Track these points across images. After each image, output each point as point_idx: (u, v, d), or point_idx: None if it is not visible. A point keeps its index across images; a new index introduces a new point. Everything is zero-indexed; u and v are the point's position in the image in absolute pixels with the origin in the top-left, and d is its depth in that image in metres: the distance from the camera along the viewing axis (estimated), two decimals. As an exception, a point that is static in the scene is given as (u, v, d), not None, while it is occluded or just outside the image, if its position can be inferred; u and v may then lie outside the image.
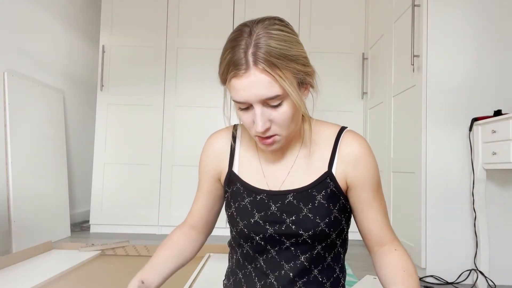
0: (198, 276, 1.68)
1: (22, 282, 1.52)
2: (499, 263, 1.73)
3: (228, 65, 0.65)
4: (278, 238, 0.75)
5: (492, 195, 1.75)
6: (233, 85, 0.66)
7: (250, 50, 0.63)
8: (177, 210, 2.82)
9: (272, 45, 0.63)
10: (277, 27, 0.66)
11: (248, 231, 0.77)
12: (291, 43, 0.66)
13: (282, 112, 0.68)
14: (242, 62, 0.63)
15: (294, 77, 0.66)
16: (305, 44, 2.87)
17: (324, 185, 0.76)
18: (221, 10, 2.91)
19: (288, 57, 0.64)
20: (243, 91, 0.65)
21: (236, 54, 0.64)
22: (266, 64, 0.63)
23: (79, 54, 3.19)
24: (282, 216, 0.75)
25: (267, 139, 0.71)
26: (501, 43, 1.80)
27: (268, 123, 0.68)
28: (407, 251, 0.76)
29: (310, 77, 0.71)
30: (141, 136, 2.86)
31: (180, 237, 0.88)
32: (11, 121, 2.18)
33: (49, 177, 2.50)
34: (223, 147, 0.86)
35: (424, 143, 1.80)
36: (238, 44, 0.65)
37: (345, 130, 0.80)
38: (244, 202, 0.79)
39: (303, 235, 0.74)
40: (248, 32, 0.65)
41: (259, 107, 0.67)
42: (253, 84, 0.64)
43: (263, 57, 0.62)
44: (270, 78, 0.64)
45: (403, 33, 2.09)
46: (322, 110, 2.85)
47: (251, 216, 0.77)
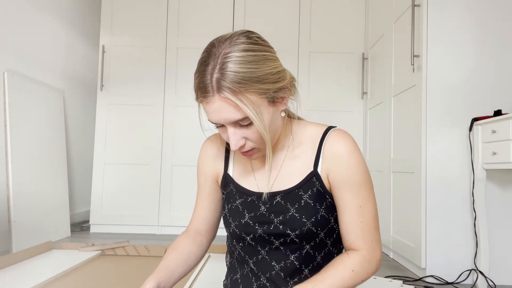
0: (198, 276, 1.68)
1: (22, 282, 1.52)
2: (499, 263, 1.73)
3: (197, 89, 0.67)
4: (267, 238, 0.77)
5: (492, 195, 1.75)
6: (203, 107, 0.69)
7: (214, 75, 0.64)
8: (177, 210, 2.82)
9: (235, 70, 0.63)
10: (242, 46, 0.65)
11: (239, 231, 0.79)
12: (257, 63, 0.66)
13: (255, 131, 0.69)
14: (208, 88, 0.65)
15: (261, 97, 0.67)
16: (305, 44, 2.87)
17: (310, 184, 0.77)
18: (221, 10, 2.91)
19: (253, 79, 0.64)
20: (212, 114, 0.67)
21: (203, 79, 0.66)
22: (228, 92, 0.63)
23: (79, 54, 3.19)
24: (270, 216, 0.77)
25: (246, 152, 0.73)
26: (501, 43, 1.80)
27: (242, 141, 0.70)
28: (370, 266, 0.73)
29: (283, 91, 0.71)
30: (141, 136, 2.86)
31: (186, 243, 0.89)
32: (11, 121, 2.18)
33: (49, 177, 2.50)
34: (218, 150, 0.88)
35: (424, 143, 1.80)
36: (205, 68, 0.66)
37: (332, 129, 0.80)
38: (236, 203, 0.81)
39: (290, 234, 0.75)
40: (214, 54, 0.66)
41: (231, 127, 0.69)
42: (220, 109, 0.66)
43: (226, 85, 0.63)
44: (233, 104, 0.65)
45: (403, 33, 2.09)
46: (322, 110, 2.85)
47: (242, 217, 0.79)
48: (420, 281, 1.76)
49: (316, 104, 2.86)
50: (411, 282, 1.74)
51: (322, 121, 2.84)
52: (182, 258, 0.86)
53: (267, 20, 2.89)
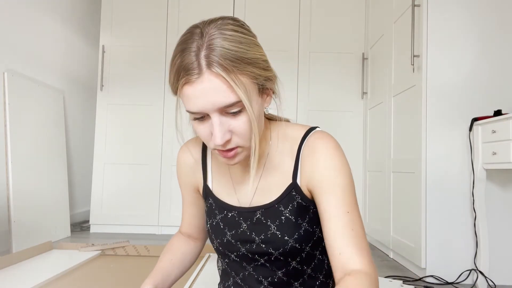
0: (198, 276, 1.68)
1: (22, 282, 1.52)
2: (499, 263, 1.73)
3: (179, 71, 0.57)
4: (251, 257, 0.73)
5: (492, 195, 1.75)
6: (185, 93, 0.58)
7: (202, 52, 0.55)
8: (177, 210, 2.82)
9: (226, 47, 0.55)
10: (231, 27, 0.58)
11: (223, 249, 0.75)
12: (248, 45, 0.58)
13: (244, 121, 0.59)
14: (194, 66, 0.55)
15: (253, 82, 0.59)
16: (305, 44, 2.87)
17: (290, 198, 0.70)
18: (221, 10, 2.90)
19: (245, 60, 0.57)
20: (197, 99, 0.57)
21: (187, 58, 0.56)
22: (221, 68, 0.55)
23: (79, 54, 3.19)
24: (251, 235, 0.71)
25: (228, 152, 0.63)
26: (501, 43, 1.80)
27: (228, 134, 0.60)
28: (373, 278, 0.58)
29: (272, 82, 0.64)
30: (141, 136, 2.86)
31: (180, 244, 0.88)
32: (11, 121, 2.18)
33: (49, 177, 2.49)
34: (195, 159, 0.81)
35: (424, 143, 1.80)
36: (188, 47, 0.57)
37: (312, 132, 0.71)
38: (216, 219, 0.76)
39: (273, 253, 0.70)
40: (199, 34, 0.57)
41: (216, 116, 0.59)
42: (208, 91, 0.56)
43: (217, 60, 0.55)
44: (226, 83, 0.56)
45: (403, 33, 2.09)
46: (322, 110, 2.85)
47: (223, 235, 0.74)
48: (420, 281, 1.76)
49: (316, 104, 2.86)
50: (411, 282, 1.74)
51: (322, 121, 2.84)
52: (177, 259, 0.85)
53: (267, 20, 2.89)
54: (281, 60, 2.84)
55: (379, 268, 2.00)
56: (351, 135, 2.84)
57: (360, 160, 2.82)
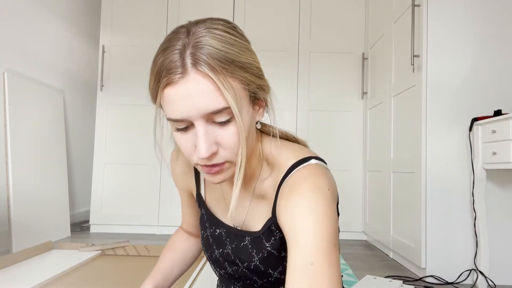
0: (198, 276, 1.68)
1: (22, 282, 1.52)
2: (499, 263, 1.73)
3: (160, 72, 0.50)
4: (238, 277, 0.71)
5: (492, 195, 1.75)
6: (167, 97, 0.51)
7: (188, 50, 0.49)
8: (177, 210, 2.82)
9: (215, 46, 0.49)
10: (221, 27, 0.52)
11: (212, 263, 0.75)
12: (239, 48, 0.52)
13: (233, 132, 0.52)
14: (178, 64, 0.49)
15: (244, 88, 0.52)
16: (305, 44, 2.87)
17: (270, 233, 0.64)
18: (221, 10, 2.90)
19: (235, 62, 0.50)
20: (180, 102, 0.50)
21: (170, 56, 0.49)
22: (208, 68, 0.48)
23: (79, 54, 3.19)
24: (236, 260, 0.69)
25: (213, 167, 0.55)
26: (501, 43, 1.80)
27: (214, 147, 0.52)
28: None
29: (265, 93, 0.57)
30: (141, 136, 2.86)
31: (181, 242, 0.88)
32: (11, 121, 2.18)
33: (49, 177, 2.49)
34: (187, 166, 0.77)
35: (424, 143, 1.80)
36: (172, 45, 0.50)
37: (301, 166, 0.59)
38: (207, 232, 0.75)
39: (258, 281, 0.68)
40: (185, 32, 0.51)
41: (201, 124, 0.51)
42: (193, 93, 0.49)
43: (205, 59, 0.48)
44: (214, 85, 0.49)
45: (403, 33, 2.09)
46: (322, 110, 2.85)
47: (213, 251, 0.73)
48: (420, 281, 1.76)
49: (316, 104, 2.86)
50: (411, 282, 1.74)
51: (322, 121, 2.84)
52: (178, 257, 0.85)
53: (267, 21, 2.89)
54: (281, 60, 2.84)
55: (379, 268, 2.00)
56: (351, 135, 2.84)
57: (360, 160, 2.82)
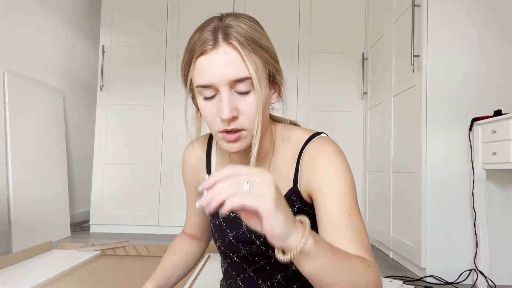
0: (198, 276, 1.68)
1: (22, 282, 1.52)
2: (499, 263, 1.73)
3: (194, 46, 0.59)
4: (252, 258, 0.73)
5: (492, 195, 1.75)
6: (199, 65, 0.59)
7: (220, 29, 0.59)
8: (177, 210, 2.82)
9: (243, 27, 0.59)
10: (247, 18, 0.62)
11: (225, 249, 0.76)
12: (262, 34, 0.62)
13: (252, 102, 0.60)
14: (210, 38, 0.58)
15: (265, 66, 0.62)
16: (305, 44, 2.87)
17: (290, 203, 0.69)
18: (221, 10, 2.89)
19: (259, 43, 0.60)
20: (210, 69, 0.58)
21: (204, 34, 0.59)
22: (236, 41, 0.58)
23: (79, 54, 3.19)
24: (252, 237, 0.72)
25: (232, 134, 0.62)
26: (501, 43, 1.80)
27: (235, 112, 0.60)
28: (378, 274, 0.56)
29: (281, 77, 0.67)
30: (141, 136, 2.86)
31: (184, 244, 0.89)
32: (11, 121, 2.18)
33: (49, 177, 2.49)
34: (199, 159, 0.82)
35: (424, 143, 1.80)
36: (206, 25, 0.60)
37: (314, 138, 0.70)
38: (219, 219, 0.77)
39: (273, 256, 0.70)
40: (217, 19, 0.61)
41: (226, 90, 0.59)
42: (222, 62, 0.58)
43: (234, 34, 0.58)
44: (240, 57, 0.58)
45: (403, 33, 2.09)
46: (322, 110, 2.85)
47: (225, 235, 0.75)
48: (420, 281, 1.76)
49: (316, 104, 2.86)
50: (411, 282, 1.74)
51: (322, 121, 2.84)
52: (180, 260, 0.85)
53: (267, 20, 2.89)
54: (281, 60, 2.80)
55: (379, 268, 2.00)
56: (351, 135, 2.84)
57: (360, 160, 2.82)
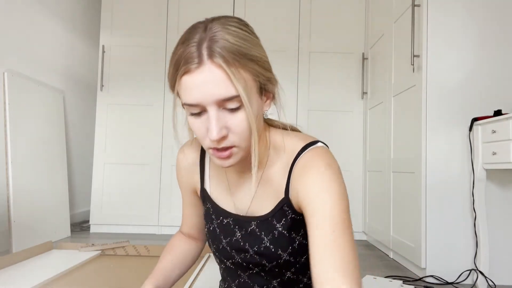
0: (198, 276, 1.68)
1: (22, 282, 1.52)
2: (499, 263, 1.73)
3: (179, 62, 0.56)
4: (246, 265, 0.72)
5: (492, 195, 1.75)
6: (184, 84, 0.56)
7: (204, 44, 0.54)
8: (177, 210, 2.82)
9: (229, 40, 0.54)
10: (235, 24, 0.57)
11: (219, 255, 0.75)
12: (251, 43, 0.57)
13: (241, 119, 0.57)
14: (195, 55, 0.54)
15: (254, 79, 0.58)
16: (305, 44, 2.87)
17: (282, 213, 0.68)
18: (221, 10, 2.90)
19: (247, 55, 0.56)
20: (196, 89, 0.55)
21: (188, 49, 0.55)
22: (222, 59, 0.54)
23: (79, 54, 3.19)
24: (245, 246, 0.70)
25: (223, 152, 0.60)
26: (501, 42, 1.80)
27: (224, 131, 0.57)
28: None
29: (273, 85, 0.63)
30: (141, 136, 2.86)
31: (181, 244, 0.88)
32: (11, 121, 2.18)
33: (49, 177, 2.49)
34: (193, 162, 0.80)
35: (424, 143, 1.80)
36: (190, 38, 0.56)
37: (309, 148, 0.66)
38: (213, 224, 0.76)
39: (267, 265, 0.69)
40: (202, 28, 0.57)
41: (214, 109, 0.56)
42: (208, 81, 0.54)
43: (219, 51, 0.54)
44: (226, 75, 0.54)
45: (403, 33, 2.09)
46: (322, 110, 2.85)
47: (219, 241, 0.74)
48: (420, 281, 1.76)
49: (316, 104, 2.86)
50: (411, 282, 1.74)
51: (322, 121, 2.84)
52: (178, 259, 0.85)
53: (267, 20, 2.89)
54: (281, 60, 2.84)
55: (379, 268, 2.00)
56: (351, 135, 2.84)
57: (360, 160, 2.82)
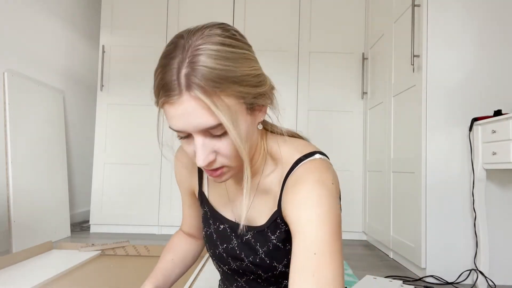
0: (198, 276, 1.68)
1: (22, 282, 1.52)
2: (499, 263, 1.73)
3: (159, 88, 0.54)
4: (242, 272, 0.72)
5: (492, 195, 1.75)
6: (166, 111, 0.55)
7: (183, 70, 0.51)
8: (177, 210, 2.82)
9: (209, 65, 0.51)
10: (218, 39, 0.53)
11: (216, 259, 0.76)
12: (236, 61, 0.53)
13: (228, 143, 0.55)
14: (174, 86, 0.51)
15: (239, 102, 0.54)
16: (305, 44, 2.87)
17: (276, 225, 0.66)
18: (221, 10, 2.90)
19: (230, 79, 0.52)
20: (177, 119, 0.53)
21: (167, 75, 0.52)
22: (200, 91, 0.50)
23: (79, 54, 3.19)
24: (241, 255, 0.70)
25: (215, 171, 0.59)
26: (501, 43, 1.80)
27: (212, 156, 0.56)
28: None
29: (264, 98, 0.59)
30: (141, 136, 2.86)
31: (181, 243, 0.88)
32: (11, 121, 2.18)
33: (49, 177, 2.49)
34: (191, 163, 0.79)
35: (424, 143, 1.80)
36: (170, 62, 0.53)
37: (305, 160, 0.63)
38: (210, 229, 0.76)
39: (262, 275, 0.69)
40: (182, 46, 0.53)
41: (199, 137, 0.55)
42: (188, 113, 0.52)
43: (197, 81, 0.50)
44: (206, 107, 0.52)
45: (403, 33, 2.09)
46: (322, 110, 2.85)
47: (216, 247, 0.74)
48: (420, 281, 1.76)
49: (316, 104, 2.86)
50: (411, 282, 1.74)
51: (322, 121, 2.84)
52: (178, 258, 0.85)
53: (267, 20, 2.89)
54: (281, 60, 2.84)
55: (379, 268, 2.00)
56: (351, 135, 2.84)
57: (360, 160, 2.82)
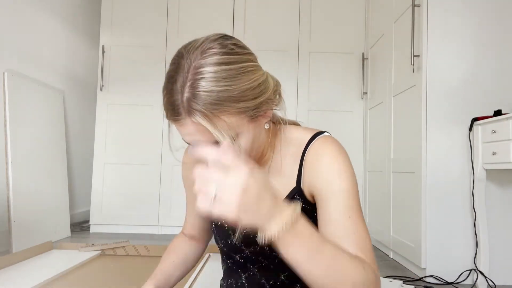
0: (198, 276, 1.68)
1: (22, 282, 1.52)
2: (499, 263, 1.73)
3: (167, 109, 0.59)
4: (255, 259, 0.73)
5: (492, 195, 1.75)
6: (175, 127, 0.61)
7: (185, 95, 0.56)
8: (177, 210, 2.82)
9: (208, 90, 0.55)
10: (216, 59, 0.56)
11: (228, 250, 0.76)
12: (234, 78, 0.56)
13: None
14: (180, 110, 0.57)
15: (241, 117, 0.58)
16: (305, 44, 2.87)
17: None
18: (221, 10, 2.90)
19: (229, 98, 0.56)
20: (184, 136, 0.60)
21: (172, 99, 0.57)
22: (200, 116, 0.55)
23: (79, 54, 3.19)
24: (255, 237, 0.71)
25: None
26: (501, 43, 1.80)
27: None
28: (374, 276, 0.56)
29: (267, 104, 0.63)
30: (141, 136, 2.86)
31: (183, 245, 0.88)
32: (11, 121, 2.18)
33: (49, 177, 2.49)
34: (197, 163, 0.82)
35: (424, 143, 1.80)
36: (173, 87, 0.57)
37: (317, 137, 0.70)
38: (221, 220, 0.76)
39: (277, 256, 0.70)
40: (183, 68, 0.57)
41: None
42: (193, 133, 0.58)
43: (198, 107, 0.55)
44: (207, 129, 0.57)
45: (403, 33, 2.09)
46: (322, 110, 2.85)
47: (228, 236, 0.75)
48: (420, 281, 1.76)
49: (316, 104, 2.86)
50: (411, 282, 1.74)
51: (322, 121, 2.84)
52: (180, 260, 0.85)
53: (267, 20, 2.89)
54: (281, 60, 2.84)
55: (379, 268, 2.00)
56: (351, 135, 2.84)
57: (360, 160, 2.82)
